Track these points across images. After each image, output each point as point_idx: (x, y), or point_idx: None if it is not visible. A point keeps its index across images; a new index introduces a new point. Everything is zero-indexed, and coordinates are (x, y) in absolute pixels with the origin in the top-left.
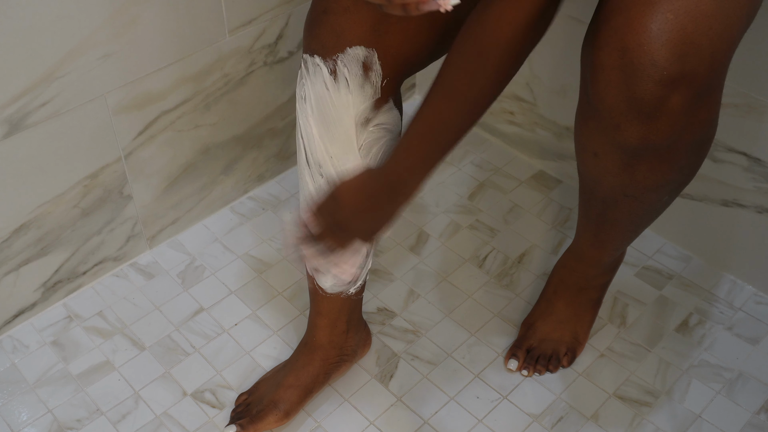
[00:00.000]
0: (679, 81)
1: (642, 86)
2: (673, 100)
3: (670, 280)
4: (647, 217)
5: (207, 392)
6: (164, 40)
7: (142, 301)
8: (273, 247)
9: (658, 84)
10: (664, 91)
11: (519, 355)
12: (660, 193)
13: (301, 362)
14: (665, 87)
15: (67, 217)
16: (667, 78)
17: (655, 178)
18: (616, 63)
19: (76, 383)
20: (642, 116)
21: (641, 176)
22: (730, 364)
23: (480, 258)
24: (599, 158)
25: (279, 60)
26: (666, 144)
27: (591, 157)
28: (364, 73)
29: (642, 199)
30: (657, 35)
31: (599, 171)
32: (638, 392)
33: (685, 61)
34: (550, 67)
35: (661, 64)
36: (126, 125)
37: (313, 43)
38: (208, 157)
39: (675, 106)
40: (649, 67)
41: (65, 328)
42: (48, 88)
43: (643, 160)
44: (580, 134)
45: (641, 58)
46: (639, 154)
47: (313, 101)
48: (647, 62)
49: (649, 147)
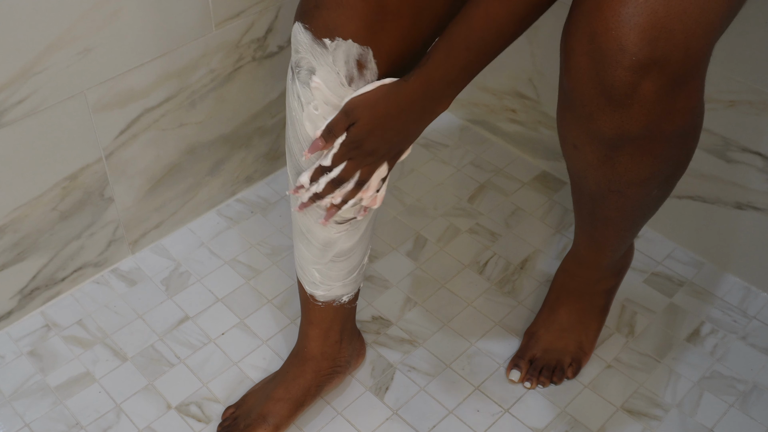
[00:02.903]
0: (650, 67)
1: (611, 72)
2: (645, 86)
3: (680, 287)
4: (639, 213)
5: (192, 405)
6: (147, 33)
7: (124, 309)
8: (262, 253)
9: (627, 70)
10: (634, 78)
11: (521, 365)
12: (646, 187)
13: (292, 374)
14: (635, 73)
15: (44, 221)
16: (637, 63)
17: (637, 170)
18: (585, 48)
19: (54, 396)
20: (613, 104)
21: (622, 168)
22: (743, 375)
23: (480, 264)
24: (579, 150)
25: (268, 55)
26: (643, 134)
27: (572, 150)
28: (359, 71)
29: (628, 194)
30: (626, 19)
31: (581, 164)
32: (647, 405)
33: (655, 46)
34: (554, 62)
35: (630, 49)
36: (107, 124)
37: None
38: (194, 158)
39: (647, 93)
40: (618, 52)
41: (43, 337)
42: (25, 84)
43: (622, 152)
44: (560, 126)
45: (609, 43)
46: (617, 145)
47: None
48: (615, 47)
49: (625, 137)
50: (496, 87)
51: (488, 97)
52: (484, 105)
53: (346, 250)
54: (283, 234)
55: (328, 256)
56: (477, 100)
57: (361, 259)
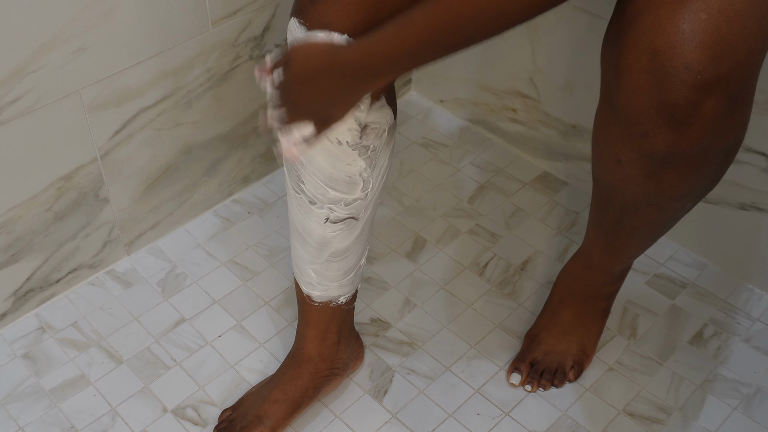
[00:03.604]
0: (713, 85)
1: (675, 91)
2: (707, 105)
3: (683, 288)
4: (667, 225)
5: (189, 408)
6: (143, 32)
7: (119, 311)
8: (259, 254)
9: (691, 89)
10: (698, 96)
11: (522, 368)
12: (684, 201)
13: (289, 375)
14: (699, 92)
15: (39, 222)
16: (702, 82)
17: (681, 186)
18: (646, 66)
19: (49, 399)
20: (673, 123)
21: (667, 185)
22: (747, 378)
23: (480, 265)
24: (623, 166)
25: (265, 54)
26: (696, 151)
27: (613, 165)
28: None
29: (666, 207)
30: (690, 36)
31: (621, 179)
32: (649, 408)
33: (719, 63)
34: (556, 61)
35: (695, 68)
36: (102, 123)
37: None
38: (190, 158)
39: (709, 111)
40: (683, 71)
41: (37, 340)
42: (19, 83)
43: (670, 168)
44: (601, 141)
45: (673, 61)
46: (667, 161)
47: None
48: (680, 65)
49: (678, 155)
50: (497, 86)
51: (488, 97)
52: (484, 104)
53: (342, 250)
54: (280, 235)
55: (324, 256)
56: (477, 100)
57: (358, 259)
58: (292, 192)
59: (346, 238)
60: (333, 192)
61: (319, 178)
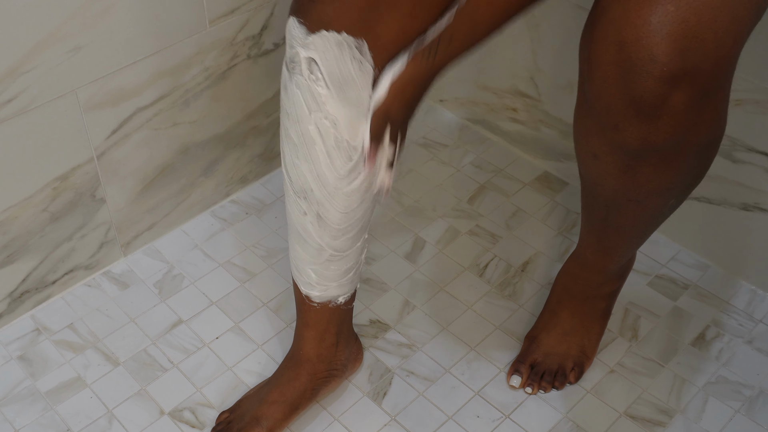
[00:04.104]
0: (680, 78)
1: (641, 83)
2: (675, 98)
3: (685, 290)
4: (653, 222)
5: (186, 411)
6: (139, 31)
7: (116, 312)
8: (257, 255)
9: (658, 81)
10: (665, 89)
11: (522, 370)
12: (666, 197)
13: (287, 377)
14: (666, 84)
15: (35, 222)
16: (668, 74)
17: (659, 181)
18: (613, 58)
19: (44, 401)
20: (641, 116)
21: (644, 179)
22: (750, 380)
23: (480, 266)
24: (599, 160)
25: (264, 53)
26: (669, 145)
27: (591, 159)
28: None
29: (647, 203)
30: (657, 28)
31: (600, 173)
32: (651, 411)
33: (687, 56)
34: (556, 60)
35: (661, 60)
36: (98, 123)
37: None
38: (188, 158)
39: (677, 104)
40: (648, 63)
41: (33, 341)
42: (14, 83)
43: (645, 163)
44: (578, 134)
45: (639, 53)
46: (640, 156)
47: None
48: (646, 57)
49: (650, 148)
50: (497, 85)
51: (488, 96)
52: (484, 104)
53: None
54: (278, 236)
55: (324, 256)
56: (477, 99)
57: (357, 258)
58: (292, 195)
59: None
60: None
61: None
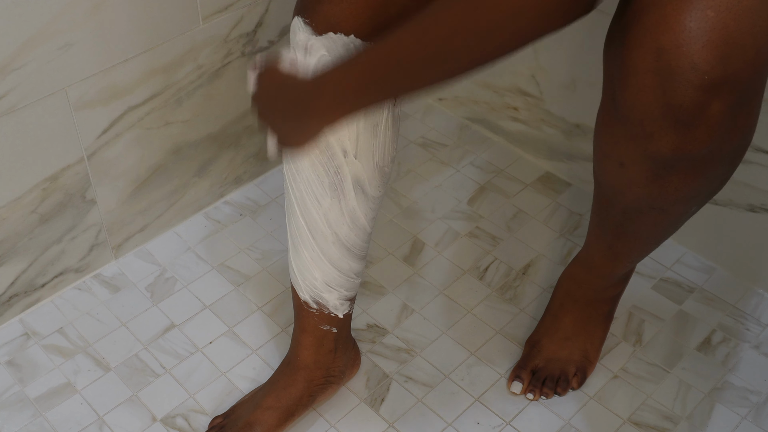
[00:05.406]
0: (721, 86)
1: (680, 92)
2: (714, 106)
3: (691, 293)
4: (672, 229)
5: (179, 417)
6: (131, 28)
7: (106, 316)
8: (251, 257)
9: (698, 89)
10: (705, 97)
11: (523, 376)
12: (689, 204)
13: (283, 383)
14: (706, 92)
15: (23, 224)
16: (708, 83)
17: (686, 190)
18: (651, 66)
19: (33, 407)
20: (679, 125)
21: (672, 188)
22: (757, 386)
23: (480, 269)
24: (626, 168)
25: (258, 50)
26: (702, 154)
27: (615, 167)
28: None
29: (670, 211)
30: (697, 35)
31: (624, 182)
32: (656, 417)
33: (727, 63)
34: (559, 57)
35: (703, 68)
36: (89, 122)
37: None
38: (180, 158)
39: (715, 113)
40: (689, 71)
41: (22, 346)
42: (3, 81)
43: (675, 172)
44: (603, 142)
45: (680, 61)
46: (672, 165)
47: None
48: (686, 65)
49: (683, 158)
50: (497, 84)
51: (489, 95)
52: (485, 103)
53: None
54: (273, 238)
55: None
56: (477, 98)
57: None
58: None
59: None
60: None
61: None
